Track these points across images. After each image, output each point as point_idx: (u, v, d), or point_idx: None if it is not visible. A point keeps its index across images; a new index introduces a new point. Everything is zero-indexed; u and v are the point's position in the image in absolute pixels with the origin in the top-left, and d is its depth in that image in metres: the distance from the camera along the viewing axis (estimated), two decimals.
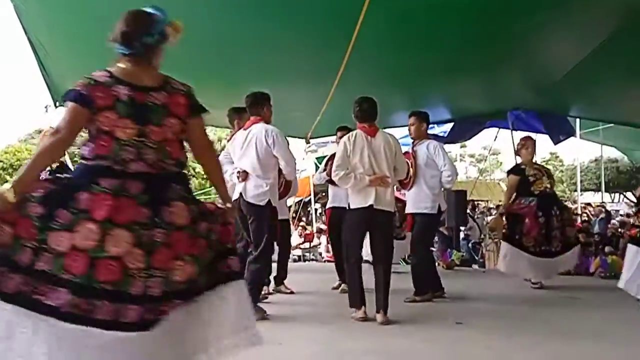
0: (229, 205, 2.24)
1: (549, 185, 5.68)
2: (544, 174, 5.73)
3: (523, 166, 5.74)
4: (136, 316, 1.85)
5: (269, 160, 4.14)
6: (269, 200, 4.11)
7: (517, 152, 5.97)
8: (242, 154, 4.22)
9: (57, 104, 7.81)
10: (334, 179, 4.18)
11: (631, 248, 4.39)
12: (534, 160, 5.90)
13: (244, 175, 4.16)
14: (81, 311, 1.79)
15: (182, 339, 2.00)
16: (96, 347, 1.79)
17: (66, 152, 3.01)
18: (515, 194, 5.70)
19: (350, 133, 4.23)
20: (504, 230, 5.83)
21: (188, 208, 2.01)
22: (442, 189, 5.10)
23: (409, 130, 5.26)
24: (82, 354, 1.79)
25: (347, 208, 4.26)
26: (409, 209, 5.15)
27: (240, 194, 4.16)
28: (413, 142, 5.20)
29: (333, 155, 5.86)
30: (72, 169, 2.08)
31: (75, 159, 2.81)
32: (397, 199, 5.48)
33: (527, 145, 5.79)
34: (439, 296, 5.00)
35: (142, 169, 1.95)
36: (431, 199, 4.91)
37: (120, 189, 1.89)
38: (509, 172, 6.01)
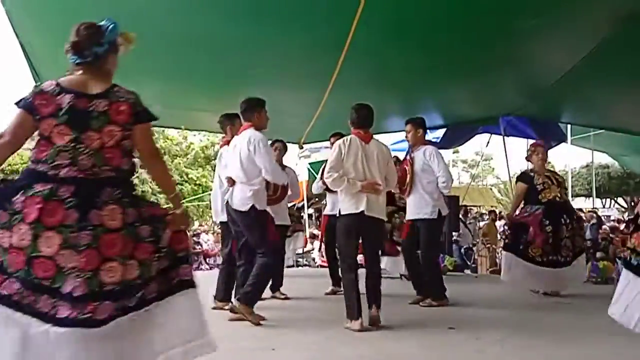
0: (177, 211, 2.27)
1: (559, 194, 5.44)
2: (554, 182, 5.49)
3: (532, 173, 5.56)
4: (66, 312, 1.94)
5: (252, 167, 4.15)
6: (253, 205, 4.13)
7: (527, 159, 5.79)
8: (230, 161, 4.32)
9: None
10: (326, 180, 4.16)
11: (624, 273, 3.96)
12: (546, 167, 5.72)
13: (231, 182, 4.24)
14: (28, 301, 1.95)
15: (123, 346, 2.05)
16: (31, 337, 1.93)
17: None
18: (524, 202, 5.56)
19: (346, 137, 4.24)
20: (505, 240, 5.65)
21: (123, 211, 2.07)
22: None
23: (406, 137, 5.31)
24: (25, 343, 1.93)
25: (338, 214, 4.25)
26: (409, 216, 5.15)
27: (227, 201, 4.27)
28: (411, 149, 5.24)
29: None
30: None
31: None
32: None
33: (538, 151, 5.61)
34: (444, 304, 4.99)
35: (75, 174, 2.04)
36: (431, 204, 4.92)
37: (51, 193, 1.99)
38: (517, 180, 5.82)
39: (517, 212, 5.64)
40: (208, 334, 2.23)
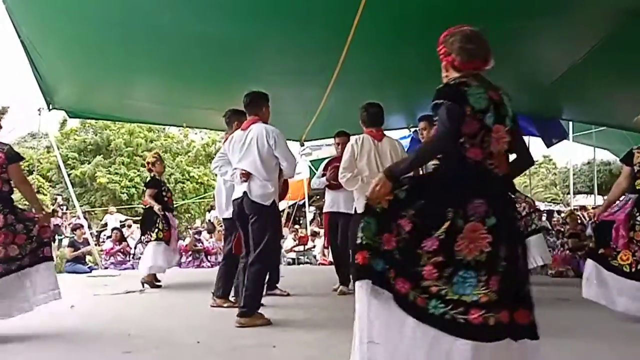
0: (41, 216, 3.79)
1: None
2: None
3: (635, 150, 4.23)
4: None
5: (271, 161, 4.07)
6: (274, 201, 4.07)
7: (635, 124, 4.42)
8: (242, 156, 4.14)
9: (50, 106, 7.79)
10: (341, 180, 4.19)
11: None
12: None
13: (246, 176, 4.07)
14: None
15: (13, 293, 3.59)
16: None
17: None
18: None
19: (358, 136, 4.27)
20: (590, 244, 4.51)
21: (4, 216, 3.56)
22: None
23: (421, 134, 5.22)
24: None
25: (354, 212, 4.27)
26: None
27: (245, 192, 4.05)
28: None
29: (332, 159, 5.89)
30: None
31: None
32: None
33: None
34: None
35: None
36: None
37: None
38: (621, 161, 4.50)
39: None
40: (58, 288, 3.80)
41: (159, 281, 6.47)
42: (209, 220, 14.63)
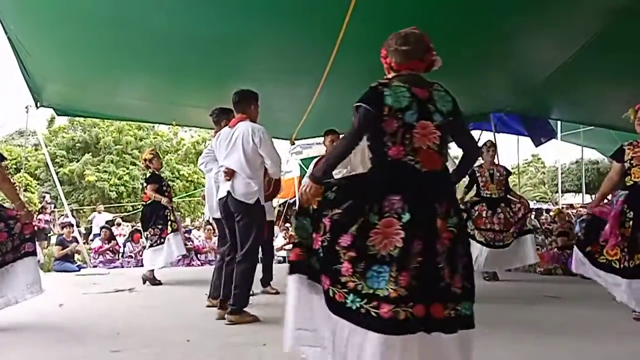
0: (22, 213, 3.87)
1: None
2: None
3: (626, 146, 4.13)
4: None
5: (256, 159, 4.07)
6: (258, 199, 4.07)
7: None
8: (227, 153, 4.14)
9: (38, 104, 7.72)
10: (336, 177, 4.19)
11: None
12: None
13: (230, 174, 4.08)
14: None
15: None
16: None
17: None
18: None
19: None
20: (579, 234, 4.44)
21: None
22: None
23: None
24: None
25: None
26: None
27: (228, 192, 4.07)
28: None
29: (321, 157, 5.88)
30: None
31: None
32: None
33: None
34: None
35: None
36: None
37: None
38: (611, 157, 4.40)
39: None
40: (41, 282, 3.88)
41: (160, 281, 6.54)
42: (207, 221, 14.60)
